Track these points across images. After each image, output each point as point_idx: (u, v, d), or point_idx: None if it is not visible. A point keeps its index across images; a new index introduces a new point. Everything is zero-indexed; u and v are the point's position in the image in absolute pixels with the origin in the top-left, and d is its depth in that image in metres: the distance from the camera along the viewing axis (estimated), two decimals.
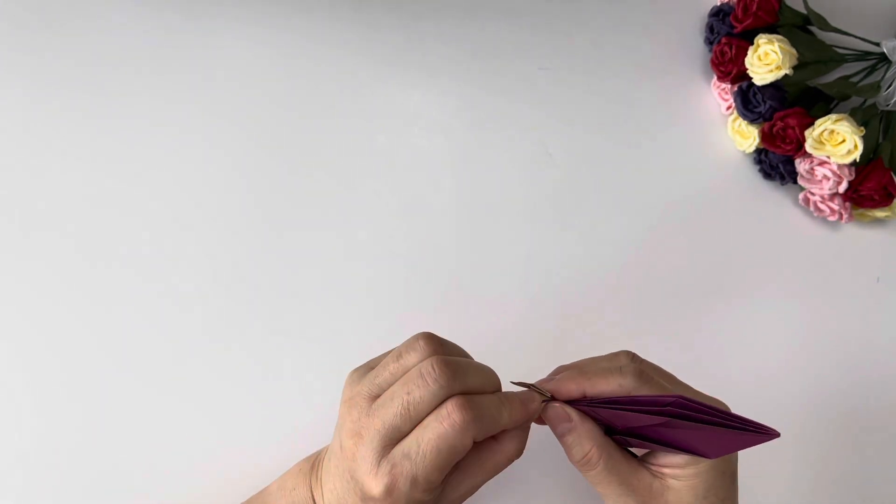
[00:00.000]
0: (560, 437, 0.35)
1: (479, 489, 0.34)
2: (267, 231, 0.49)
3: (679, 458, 0.34)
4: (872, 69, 0.57)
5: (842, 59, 0.56)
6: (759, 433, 0.31)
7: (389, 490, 0.31)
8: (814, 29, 0.57)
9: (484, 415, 0.33)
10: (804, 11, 0.57)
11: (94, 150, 0.50)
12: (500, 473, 0.34)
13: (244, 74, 0.54)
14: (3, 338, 0.44)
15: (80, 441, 0.42)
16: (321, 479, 0.35)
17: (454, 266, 0.50)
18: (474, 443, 0.33)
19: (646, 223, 0.53)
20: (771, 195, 0.55)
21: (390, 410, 0.32)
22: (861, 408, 0.49)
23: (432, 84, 0.55)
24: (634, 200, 0.53)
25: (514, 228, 0.51)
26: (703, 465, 0.34)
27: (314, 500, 0.35)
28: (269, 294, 0.47)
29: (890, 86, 0.54)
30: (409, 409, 0.32)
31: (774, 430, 0.30)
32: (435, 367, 0.32)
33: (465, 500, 0.34)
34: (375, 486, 0.32)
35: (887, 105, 0.54)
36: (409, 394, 0.32)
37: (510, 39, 0.58)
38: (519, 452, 0.34)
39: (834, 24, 0.56)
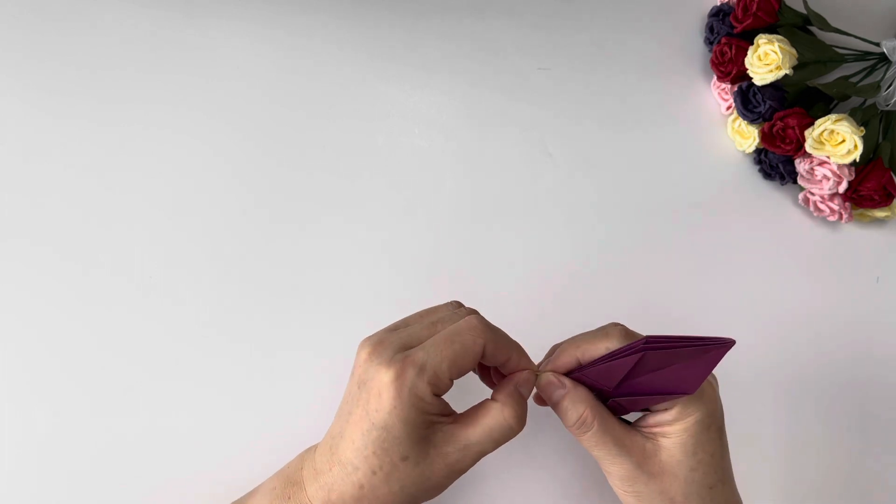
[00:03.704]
0: (556, 405, 0.36)
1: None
2: (266, 231, 0.49)
3: (667, 416, 0.35)
4: (872, 69, 0.57)
5: (842, 59, 0.56)
6: (719, 346, 0.33)
7: (398, 375, 0.32)
8: (814, 29, 0.57)
9: (497, 332, 0.35)
10: (804, 11, 0.57)
11: (94, 148, 0.50)
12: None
13: (244, 74, 0.54)
14: (4, 335, 0.44)
15: (81, 435, 0.43)
16: (309, 475, 0.35)
17: (454, 265, 0.50)
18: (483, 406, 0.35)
19: (646, 223, 0.53)
20: (771, 195, 0.55)
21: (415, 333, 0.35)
22: (861, 408, 0.49)
23: (432, 84, 0.55)
24: (634, 200, 0.53)
25: (514, 228, 0.51)
26: (690, 419, 0.35)
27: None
28: (269, 294, 0.47)
29: (890, 86, 0.54)
30: (435, 326, 0.35)
31: (730, 339, 0.33)
32: (478, 322, 0.34)
33: (462, 466, 0.34)
34: (385, 373, 0.33)
35: (887, 105, 0.54)
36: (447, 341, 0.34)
37: (510, 39, 0.58)
38: (515, 418, 0.34)
39: (834, 24, 0.57)
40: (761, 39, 0.52)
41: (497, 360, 0.35)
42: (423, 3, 0.58)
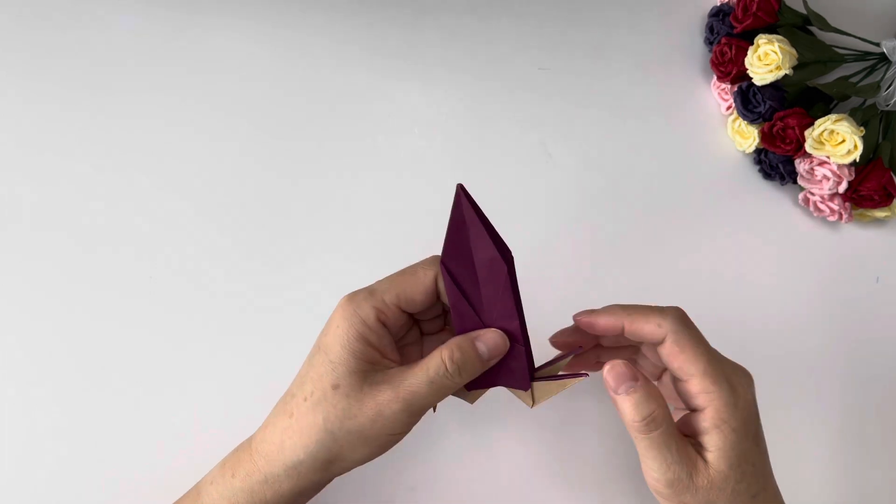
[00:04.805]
0: (621, 396, 0.34)
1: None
2: (265, 231, 0.49)
3: (702, 420, 0.34)
4: (872, 69, 0.57)
5: (842, 59, 0.56)
6: (456, 198, 0.34)
7: (349, 299, 0.34)
8: (814, 29, 0.57)
9: None
10: (804, 11, 0.57)
11: (95, 145, 0.50)
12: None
13: (244, 73, 0.54)
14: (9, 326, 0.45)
15: (86, 423, 0.43)
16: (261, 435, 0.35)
17: None
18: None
19: (645, 223, 0.53)
20: (771, 195, 0.55)
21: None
22: (861, 408, 0.49)
23: (432, 84, 0.55)
24: (634, 200, 0.53)
25: (514, 228, 0.51)
26: (726, 427, 0.34)
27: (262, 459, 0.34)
28: (269, 295, 0.47)
29: (890, 86, 0.54)
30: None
31: (458, 184, 0.34)
32: (428, 258, 0.35)
33: (391, 410, 0.33)
34: (339, 304, 0.34)
35: (887, 105, 0.54)
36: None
37: (510, 39, 0.58)
38: (452, 363, 0.33)
39: (834, 24, 0.56)
40: (761, 39, 0.52)
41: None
42: (423, 2, 0.58)
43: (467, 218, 0.34)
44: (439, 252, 0.36)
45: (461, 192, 0.34)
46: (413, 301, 0.34)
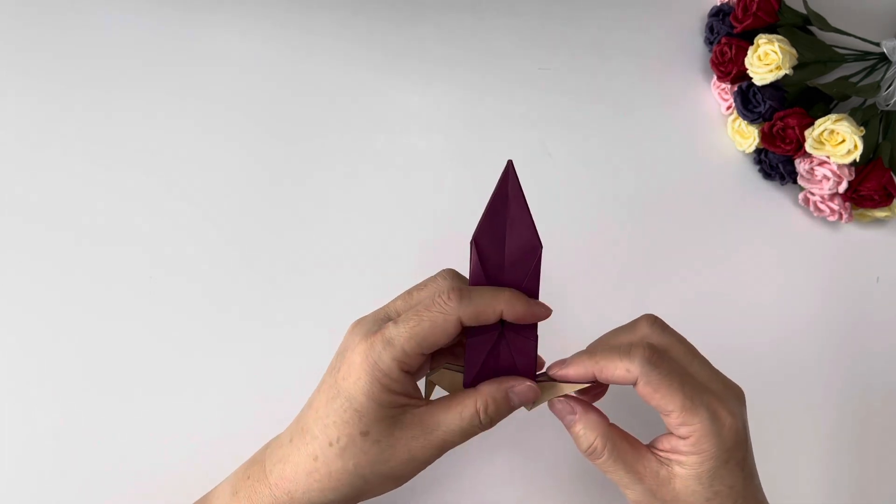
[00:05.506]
0: (568, 428, 0.36)
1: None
2: (266, 232, 0.49)
3: (683, 445, 0.34)
4: (872, 69, 0.57)
5: (842, 59, 0.56)
6: (504, 175, 0.34)
7: (369, 348, 0.32)
8: (814, 29, 0.57)
9: (475, 299, 0.33)
10: (804, 11, 0.57)
11: (96, 144, 0.50)
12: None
13: (244, 73, 0.54)
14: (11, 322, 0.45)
15: (85, 424, 0.43)
16: (269, 462, 0.35)
17: (453, 266, 0.49)
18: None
19: (645, 223, 0.53)
20: (771, 195, 0.55)
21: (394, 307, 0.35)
22: (862, 408, 0.49)
23: (432, 84, 0.55)
24: (634, 200, 0.53)
25: None
26: (705, 454, 0.33)
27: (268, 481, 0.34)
28: (268, 296, 0.47)
29: (890, 86, 0.54)
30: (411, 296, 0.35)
31: (508, 161, 0.33)
32: (450, 295, 0.33)
33: (425, 454, 0.33)
34: (359, 344, 0.33)
35: (887, 105, 0.54)
36: (418, 314, 0.33)
37: (510, 39, 0.58)
38: (486, 416, 0.33)
39: (834, 24, 0.57)
40: (761, 39, 0.52)
41: (487, 322, 0.34)
42: (423, 2, 0.58)
43: (511, 195, 0.33)
44: (439, 254, 0.36)
45: (511, 168, 0.33)
46: (436, 345, 0.33)
